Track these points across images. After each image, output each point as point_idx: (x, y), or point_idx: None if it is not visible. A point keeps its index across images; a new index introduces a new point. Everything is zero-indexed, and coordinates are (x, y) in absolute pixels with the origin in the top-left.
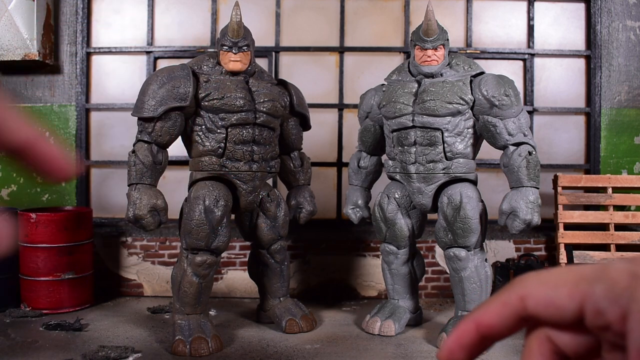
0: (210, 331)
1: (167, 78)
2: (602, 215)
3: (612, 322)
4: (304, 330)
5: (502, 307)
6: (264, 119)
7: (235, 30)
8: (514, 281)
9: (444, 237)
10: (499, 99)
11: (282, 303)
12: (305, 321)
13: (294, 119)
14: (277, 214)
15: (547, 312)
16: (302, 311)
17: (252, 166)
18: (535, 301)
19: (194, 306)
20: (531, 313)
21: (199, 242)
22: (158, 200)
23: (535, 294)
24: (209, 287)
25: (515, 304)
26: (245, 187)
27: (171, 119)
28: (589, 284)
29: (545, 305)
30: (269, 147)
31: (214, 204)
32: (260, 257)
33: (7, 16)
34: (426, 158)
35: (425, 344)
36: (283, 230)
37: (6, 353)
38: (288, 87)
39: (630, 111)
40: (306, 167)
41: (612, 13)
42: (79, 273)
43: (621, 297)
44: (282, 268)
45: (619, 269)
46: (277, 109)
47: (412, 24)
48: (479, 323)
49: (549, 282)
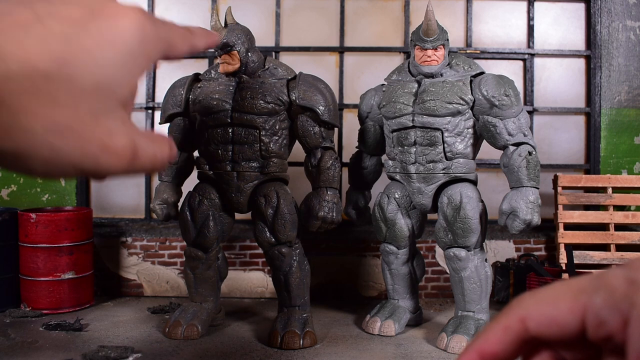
0: (193, 320)
1: (171, 87)
2: (602, 215)
3: (614, 331)
4: (284, 348)
5: (503, 332)
6: (239, 117)
7: None
8: (512, 304)
9: (444, 237)
10: (499, 99)
11: (284, 313)
12: (288, 336)
13: (305, 115)
14: (274, 218)
15: (550, 331)
16: (302, 327)
17: (233, 166)
18: (536, 321)
19: (193, 295)
20: (533, 334)
21: (187, 237)
22: (166, 195)
23: (535, 314)
24: (204, 280)
25: (516, 327)
26: (228, 188)
27: (175, 123)
28: (587, 295)
29: (547, 324)
30: (254, 147)
31: (194, 203)
32: None
33: None
34: (426, 158)
35: (425, 344)
36: (280, 235)
37: (6, 353)
38: (294, 82)
39: (630, 111)
40: (324, 167)
41: (612, 13)
42: (79, 273)
43: (621, 304)
44: (282, 274)
45: (615, 276)
46: (257, 107)
47: (412, 24)
48: (481, 352)
49: (548, 300)
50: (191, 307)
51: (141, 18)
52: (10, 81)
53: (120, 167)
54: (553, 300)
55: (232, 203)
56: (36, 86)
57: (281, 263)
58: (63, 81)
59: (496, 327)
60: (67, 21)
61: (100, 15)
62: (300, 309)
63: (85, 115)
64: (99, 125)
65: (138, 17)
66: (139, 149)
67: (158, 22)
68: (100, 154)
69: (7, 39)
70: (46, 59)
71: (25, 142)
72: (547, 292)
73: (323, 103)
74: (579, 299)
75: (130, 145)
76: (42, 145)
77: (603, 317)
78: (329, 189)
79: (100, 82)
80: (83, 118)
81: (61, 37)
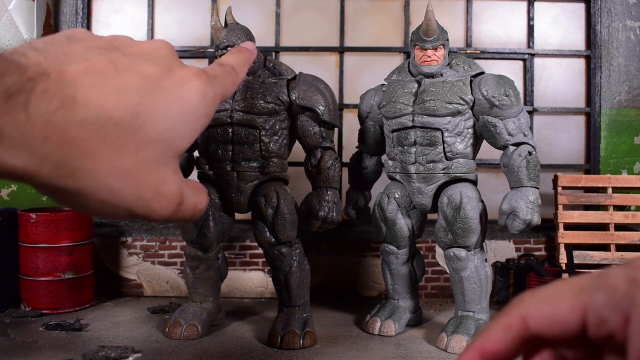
0: (193, 319)
1: None
2: (602, 215)
3: (615, 329)
4: (283, 348)
5: (504, 331)
6: (239, 117)
7: (213, 34)
8: (513, 302)
9: (444, 237)
10: (499, 99)
11: (284, 313)
12: (288, 336)
13: (305, 115)
14: (273, 218)
15: (551, 330)
16: (302, 327)
17: (233, 166)
18: (537, 320)
19: (192, 295)
20: (534, 333)
21: (187, 237)
22: None
23: (536, 313)
24: (204, 279)
25: (517, 325)
26: (228, 188)
27: None
28: (589, 294)
29: (548, 322)
30: (254, 147)
31: None
32: None
33: (7, 16)
34: (426, 158)
35: (425, 344)
36: (281, 235)
37: (6, 353)
38: (294, 82)
39: (630, 111)
40: (324, 167)
41: (612, 13)
42: (79, 273)
43: (622, 303)
44: (282, 274)
45: (617, 274)
46: (257, 106)
47: (412, 24)
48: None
49: (549, 298)
50: (191, 307)
51: (205, 82)
52: (86, 126)
53: (167, 213)
54: (554, 298)
55: (232, 203)
56: (107, 132)
57: (281, 263)
58: (132, 131)
59: (497, 326)
60: (143, 76)
61: (172, 76)
62: (300, 309)
63: (146, 163)
64: (156, 173)
65: (202, 81)
66: (184, 198)
67: (216, 82)
68: (152, 199)
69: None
70: (121, 109)
71: (87, 183)
72: (548, 290)
73: (323, 103)
74: (580, 297)
75: (179, 193)
76: (102, 187)
77: (604, 316)
78: (329, 189)
79: (164, 135)
80: (144, 165)
81: (137, 91)
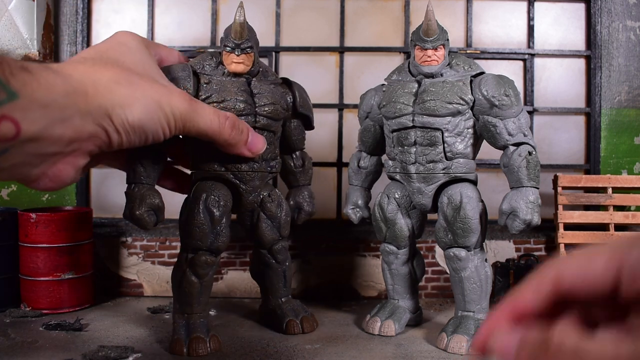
0: (209, 331)
1: (169, 79)
2: (602, 215)
3: None
4: (305, 332)
5: (536, 289)
6: (263, 122)
7: (238, 32)
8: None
9: (444, 237)
10: (499, 99)
11: (283, 304)
12: (306, 322)
13: (296, 120)
14: (278, 214)
15: (584, 287)
16: (303, 312)
17: (253, 166)
18: (571, 277)
19: (194, 306)
20: (566, 291)
21: (199, 242)
22: (155, 199)
23: (570, 271)
24: (209, 287)
25: (550, 285)
26: (245, 187)
27: None
28: (624, 251)
29: (582, 280)
30: (269, 148)
31: (214, 205)
32: (261, 257)
33: (7, 16)
34: (426, 158)
35: (425, 344)
36: (284, 231)
37: (6, 353)
38: (292, 88)
39: (630, 111)
40: (307, 167)
41: (612, 13)
42: (79, 273)
43: None
44: (284, 268)
45: None
46: (278, 112)
47: (412, 24)
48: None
49: (584, 257)
50: (197, 319)
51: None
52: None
53: None
54: (589, 257)
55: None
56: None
57: (283, 257)
58: None
59: (530, 286)
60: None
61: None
62: (293, 297)
63: None
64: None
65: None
66: None
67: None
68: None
69: None
70: None
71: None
72: (584, 251)
73: (312, 111)
74: (615, 254)
75: None
76: None
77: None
78: (309, 186)
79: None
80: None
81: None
